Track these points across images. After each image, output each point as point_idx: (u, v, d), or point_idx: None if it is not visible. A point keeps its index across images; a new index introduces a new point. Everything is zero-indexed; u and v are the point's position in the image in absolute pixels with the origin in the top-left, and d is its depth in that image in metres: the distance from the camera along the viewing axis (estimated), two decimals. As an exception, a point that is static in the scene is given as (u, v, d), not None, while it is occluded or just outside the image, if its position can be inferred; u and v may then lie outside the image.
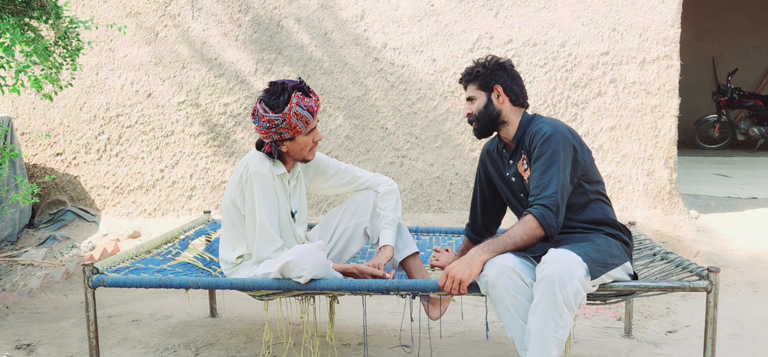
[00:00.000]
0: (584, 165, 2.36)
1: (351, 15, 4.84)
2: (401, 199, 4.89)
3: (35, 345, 3.05)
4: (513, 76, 2.49)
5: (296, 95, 2.43)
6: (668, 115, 4.74)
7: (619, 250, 2.31)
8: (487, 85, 2.47)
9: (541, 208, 2.24)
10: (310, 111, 2.45)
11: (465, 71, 2.54)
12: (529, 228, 2.24)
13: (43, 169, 5.18)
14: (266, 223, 2.48)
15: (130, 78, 5.04)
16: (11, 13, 3.32)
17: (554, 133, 2.29)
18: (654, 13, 4.65)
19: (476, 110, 2.49)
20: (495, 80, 2.46)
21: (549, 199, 2.23)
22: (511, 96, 2.46)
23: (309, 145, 2.53)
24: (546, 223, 2.23)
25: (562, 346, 2.15)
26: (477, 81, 2.49)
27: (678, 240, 4.49)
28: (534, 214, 2.24)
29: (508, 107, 2.46)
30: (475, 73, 2.49)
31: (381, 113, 4.90)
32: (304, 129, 2.46)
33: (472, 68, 2.52)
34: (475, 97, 2.50)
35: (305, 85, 2.48)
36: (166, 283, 2.40)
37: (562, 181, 2.26)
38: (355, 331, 3.19)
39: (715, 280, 2.21)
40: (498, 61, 2.49)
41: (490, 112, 2.46)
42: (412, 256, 2.67)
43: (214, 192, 5.05)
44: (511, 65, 2.51)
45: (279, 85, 2.45)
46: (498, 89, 2.45)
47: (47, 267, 4.29)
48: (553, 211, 2.23)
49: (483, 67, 2.48)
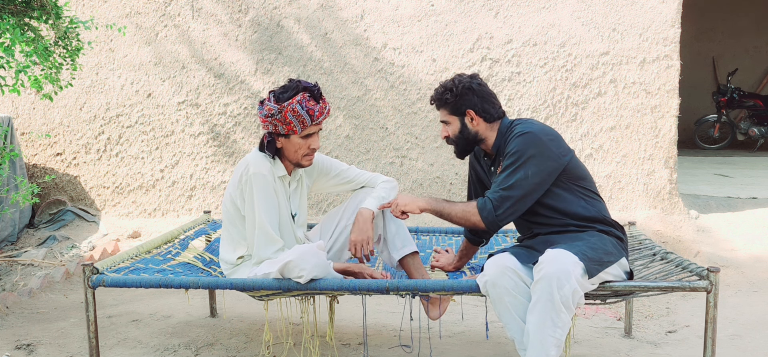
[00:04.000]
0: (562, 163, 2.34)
1: (351, 15, 4.84)
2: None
3: (35, 345, 3.05)
4: (482, 95, 2.44)
5: (303, 95, 2.43)
6: (668, 115, 4.74)
7: (614, 247, 2.31)
8: (459, 110, 2.45)
9: (486, 199, 2.34)
10: (310, 114, 2.44)
11: (434, 94, 2.50)
12: (468, 210, 2.38)
13: (43, 169, 5.18)
14: (266, 224, 2.48)
15: (130, 78, 5.04)
16: (11, 13, 3.32)
17: (525, 140, 2.31)
18: (654, 13, 4.65)
19: (452, 134, 2.50)
20: (465, 105, 2.43)
21: (496, 194, 2.32)
22: (485, 116, 2.44)
23: (303, 150, 2.52)
24: (483, 214, 2.34)
25: (560, 345, 2.15)
26: (447, 107, 2.46)
27: (678, 240, 4.49)
28: (478, 202, 2.36)
29: (483, 126, 2.46)
30: (444, 99, 2.46)
31: (381, 113, 4.90)
32: (299, 129, 2.45)
33: (440, 94, 2.47)
34: (448, 121, 2.49)
35: (318, 90, 2.48)
36: (166, 283, 2.40)
37: (521, 185, 2.29)
38: (355, 331, 3.19)
39: (715, 280, 2.21)
40: (465, 84, 2.43)
41: (466, 135, 2.47)
42: (411, 256, 2.66)
43: (214, 192, 5.05)
44: (480, 83, 2.46)
45: (294, 82, 2.48)
46: (470, 113, 2.43)
47: (47, 267, 4.29)
48: (495, 205, 2.31)
49: (451, 93, 2.44)
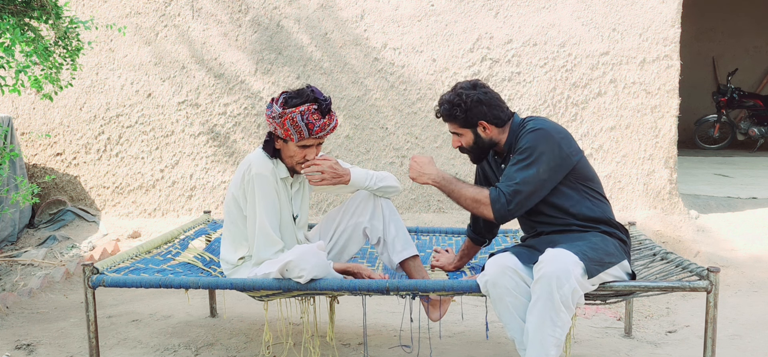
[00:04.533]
0: (571, 163, 2.33)
1: (351, 15, 4.84)
2: (401, 199, 4.92)
3: (35, 345, 3.05)
4: (490, 103, 2.40)
5: (309, 106, 2.41)
6: (668, 115, 4.74)
7: (615, 249, 2.31)
8: (470, 123, 2.41)
9: (498, 191, 2.31)
10: (309, 127, 2.42)
11: (441, 109, 2.44)
12: (479, 199, 2.35)
13: (43, 169, 5.18)
14: (267, 225, 2.48)
15: (130, 78, 5.04)
16: (11, 13, 3.32)
17: (536, 136, 2.30)
18: (654, 13, 4.65)
19: (466, 144, 2.47)
20: (476, 117, 2.39)
21: (509, 188, 2.30)
22: (496, 122, 2.42)
23: (297, 157, 2.51)
24: (495, 206, 2.31)
25: (560, 345, 2.15)
26: (457, 121, 2.43)
27: (678, 240, 4.49)
28: (491, 193, 2.32)
29: (495, 132, 2.43)
30: (453, 115, 2.41)
31: (381, 113, 4.90)
32: (296, 138, 2.45)
33: (449, 109, 2.41)
34: (460, 133, 2.45)
35: (328, 105, 2.45)
36: (166, 283, 2.40)
37: (532, 177, 2.27)
38: (355, 331, 3.19)
39: (715, 280, 2.21)
40: (472, 97, 2.38)
41: (480, 144, 2.46)
42: (411, 259, 2.67)
43: (214, 192, 5.05)
44: (485, 91, 2.41)
45: (307, 90, 2.45)
46: (482, 124, 2.41)
47: (47, 267, 4.29)
48: (507, 199, 2.29)
49: (460, 109, 2.39)
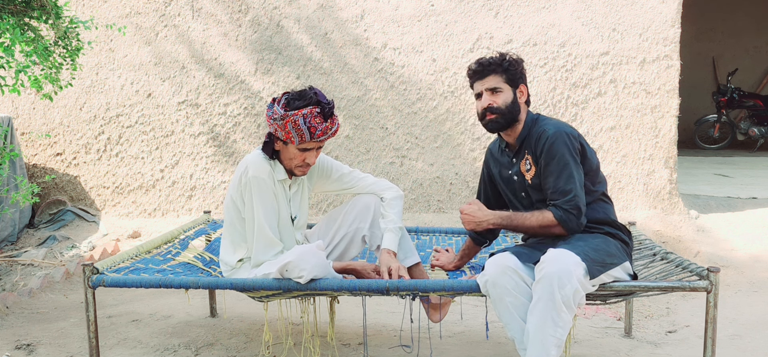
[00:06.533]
0: (590, 164, 2.36)
1: (351, 15, 4.84)
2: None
3: (35, 345, 3.05)
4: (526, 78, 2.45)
5: (311, 109, 2.38)
6: (668, 115, 4.74)
7: (618, 250, 2.31)
8: (514, 82, 2.38)
9: (562, 211, 2.27)
10: (312, 131, 2.40)
11: (490, 59, 2.35)
12: (546, 222, 2.30)
13: (43, 169, 5.18)
14: (265, 227, 2.47)
15: (130, 78, 5.04)
16: (11, 13, 3.32)
17: (560, 135, 2.28)
18: (654, 13, 4.65)
19: (503, 103, 2.35)
20: (522, 79, 2.40)
21: (570, 202, 2.26)
22: (528, 96, 2.44)
23: (297, 160, 2.49)
24: (569, 226, 2.28)
25: (561, 345, 2.15)
26: (505, 74, 2.35)
27: (678, 240, 4.49)
28: (554, 213, 2.28)
29: (523, 108, 2.42)
30: (505, 65, 2.34)
31: (381, 113, 4.90)
32: (297, 141, 2.42)
33: (500, 59, 2.35)
34: (500, 89, 2.35)
35: (331, 109, 2.42)
36: (166, 283, 2.40)
37: (578, 181, 2.28)
38: (355, 331, 3.19)
39: (715, 280, 2.21)
40: (522, 61, 2.40)
41: (513, 109, 2.37)
42: (414, 266, 2.67)
43: (214, 192, 5.05)
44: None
45: (310, 92, 2.43)
46: (523, 89, 2.40)
47: (47, 267, 4.29)
48: (575, 213, 2.27)
49: (510, 62, 2.35)
